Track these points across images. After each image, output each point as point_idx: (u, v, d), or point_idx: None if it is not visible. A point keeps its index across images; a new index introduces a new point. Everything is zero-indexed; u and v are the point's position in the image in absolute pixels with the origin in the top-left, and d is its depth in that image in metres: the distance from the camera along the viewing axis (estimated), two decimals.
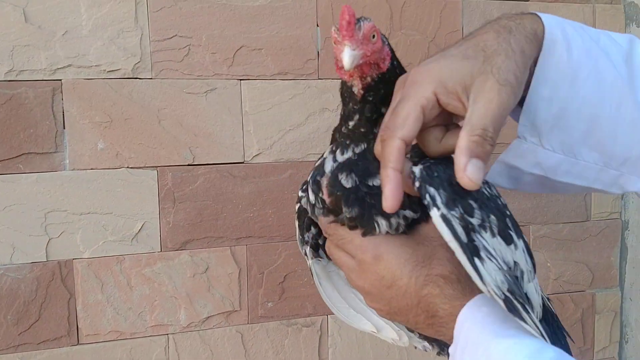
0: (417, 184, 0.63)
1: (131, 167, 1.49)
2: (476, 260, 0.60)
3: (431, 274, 0.65)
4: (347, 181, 0.69)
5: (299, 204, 0.84)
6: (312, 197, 0.75)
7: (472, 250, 0.60)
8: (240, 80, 1.56)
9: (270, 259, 1.60)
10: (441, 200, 0.61)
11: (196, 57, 1.52)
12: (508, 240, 0.64)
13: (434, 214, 0.61)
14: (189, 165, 1.53)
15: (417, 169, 0.63)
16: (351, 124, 0.71)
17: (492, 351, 0.56)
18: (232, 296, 1.58)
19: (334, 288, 0.88)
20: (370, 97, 0.70)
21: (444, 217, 0.60)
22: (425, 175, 0.62)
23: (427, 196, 0.61)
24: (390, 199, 0.60)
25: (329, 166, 0.72)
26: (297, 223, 0.87)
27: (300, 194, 0.82)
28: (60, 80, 1.42)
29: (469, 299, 0.63)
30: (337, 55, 0.66)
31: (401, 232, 0.70)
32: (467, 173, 0.57)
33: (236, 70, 1.55)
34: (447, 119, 0.66)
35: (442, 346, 0.78)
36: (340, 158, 0.71)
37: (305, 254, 0.88)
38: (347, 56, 0.63)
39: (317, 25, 1.60)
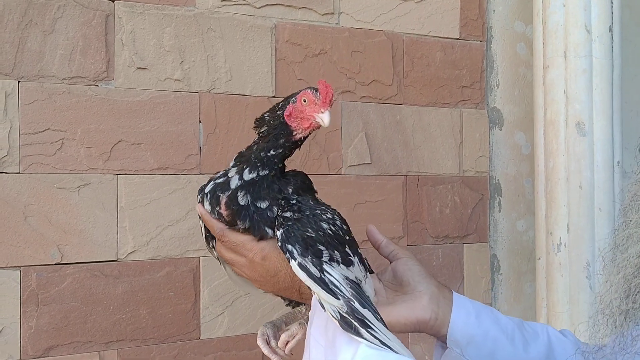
0: (279, 244, 0.86)
1: None
2: (325, 287, 0.82)
3: None
4: (242, 199, 0.91)
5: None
6: (207, 207, 0.93)
7: (324, 282, 0.82)
8: (117, 174, 1.51)
9: None
10: (297, 253, 0.84)
11: (70, 151, 1.46)
12: (348, 264, 0.87)
13: (293, 264, 0.84)
14: (56, 264, 1.44)
15: (279, 233, 0.86)
16: (272, 152, 0.92)
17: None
18: None
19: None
20: (299, 143, 0.95)
21: (300, 265, 0.83)
22: (284, 237, 0.85)
23: (287, 252, 0.85)
24: None
25: (234, 183, 0.92)
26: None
27: (199, 198, 0.97)
28: None
29: None
30: (312, 112, 0.90)
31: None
32: None
33: (113, 164, 1.50)
34: None
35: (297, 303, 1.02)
36: (247, 177, 0.91)
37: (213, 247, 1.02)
38: (329, 117, 0.90)
39: (200, 122, 1.60)
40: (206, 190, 0.95)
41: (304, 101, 0.91)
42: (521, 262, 2.05)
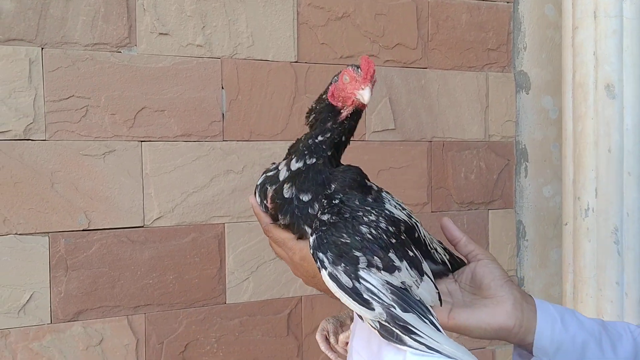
0: (311, 251, 0.81)
1: (19, 234, 1.39)
2: (357, 299, 0.78)
3: None
4: (287, 192, 0.87)
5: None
6: (258, 199, 0.93)
7: (356, 292, 0.78)
8: (142, 141, 1.51)
9: (170, 327, 1.54)
10: (328, 262, 0.80)
11: (94, 118, 1.46)
12: (391, 270, 0.81)
13: (323, 273, 0.79)
14: (83, 230, 1.45)
15: (312, 239, 0.82)
16: (320, 138, 0.88)
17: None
18: None
19: None
20: (345, 123, 0.89)
21: (330, 275, 0.79)
22: (316, 244, 0.81)
23: (318, 260, 0.80)
24: None
25: (282, 175, 0.89)
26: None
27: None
28: None
29: None
30: (353, 89, 0.86)
31: None
32: None
33: (137, 131, 1.51)
34: None
35: None
36: (294, 167, 0.88)
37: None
38: (369, 94, 0.85)
39: (222, 88, 1.59)
40: (258, 183, 0.94)
41: (346, 79, 0.87)
42: (547, 228, 2.03)
